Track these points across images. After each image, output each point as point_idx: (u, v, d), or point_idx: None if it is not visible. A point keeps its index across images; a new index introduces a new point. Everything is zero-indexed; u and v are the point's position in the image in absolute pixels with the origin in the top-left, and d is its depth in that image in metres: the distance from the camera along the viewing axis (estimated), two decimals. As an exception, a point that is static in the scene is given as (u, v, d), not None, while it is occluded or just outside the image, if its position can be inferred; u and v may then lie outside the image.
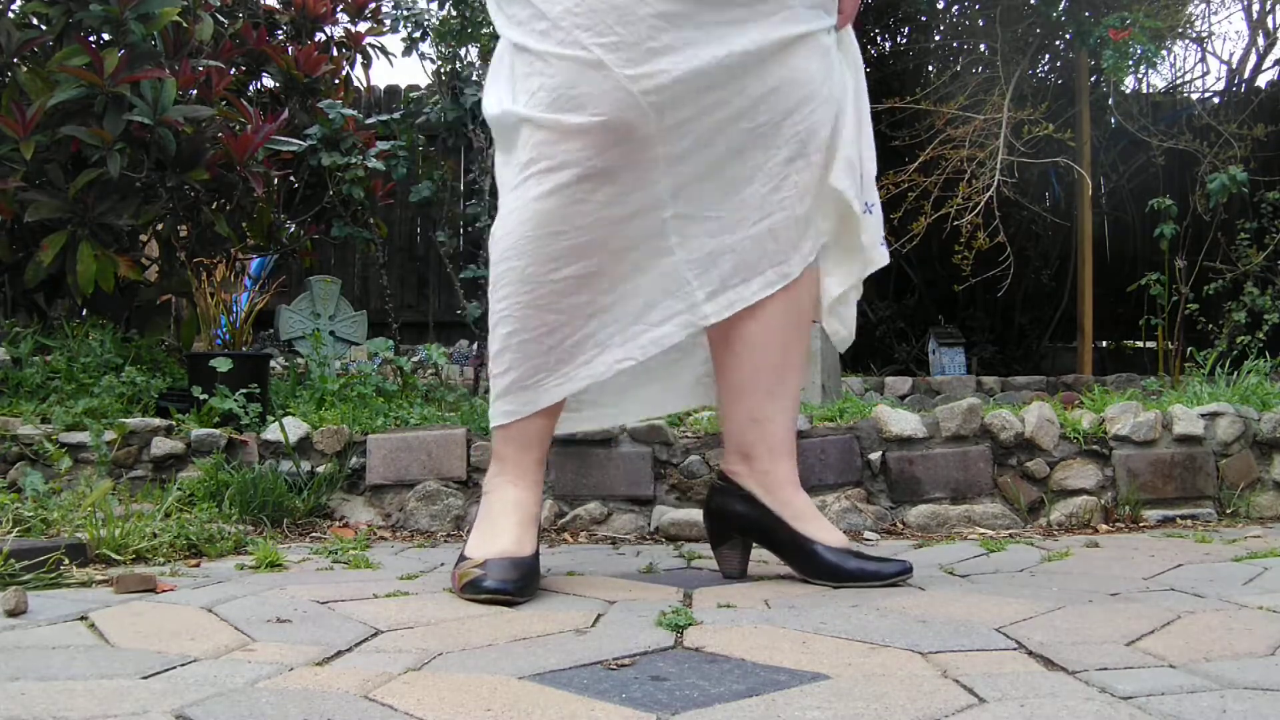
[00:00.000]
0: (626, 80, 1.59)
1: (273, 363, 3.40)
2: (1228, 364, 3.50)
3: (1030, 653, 1.24)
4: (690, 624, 1.39)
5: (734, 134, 1.69)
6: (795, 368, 1.81)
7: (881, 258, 1.84)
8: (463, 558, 1.66)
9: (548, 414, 1.75)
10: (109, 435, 2.56)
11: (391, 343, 3.71)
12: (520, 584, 1.58)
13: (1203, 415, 2.56)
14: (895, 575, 1.70)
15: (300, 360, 3.84)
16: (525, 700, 1.05)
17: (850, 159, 1.77)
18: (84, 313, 3.60)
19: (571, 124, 1.60)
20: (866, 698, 1.04)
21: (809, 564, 1.74)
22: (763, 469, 1.77)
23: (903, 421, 2.46)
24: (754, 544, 1.83)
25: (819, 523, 1.76)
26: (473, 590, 1.57)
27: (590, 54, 1.59)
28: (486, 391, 3.72)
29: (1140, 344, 5.92)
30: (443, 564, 1.99)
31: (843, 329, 1.89)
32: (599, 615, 1.47)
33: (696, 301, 1.73)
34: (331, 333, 4.23)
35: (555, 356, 1.69)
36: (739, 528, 1.81)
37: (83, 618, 1.44)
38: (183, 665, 1.19)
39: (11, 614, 1.46)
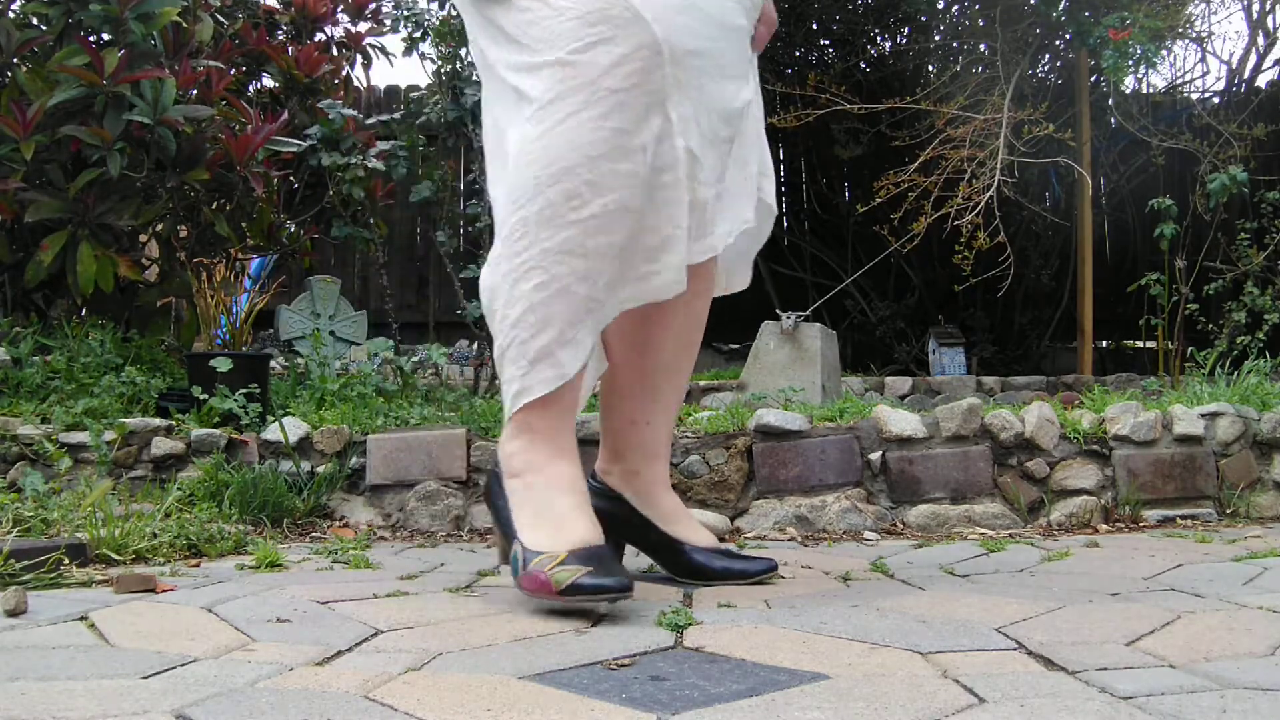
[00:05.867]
0: None
1: (273, 363, 3.39)
2: (1228, 364, 3.51)
3: (1030, 653, 1.24)
4: (690, 624, 1.39)
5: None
6: (685, 373, 1.81)
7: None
8: (529, 554, 1.45)
9: (580, 377, 1.62)
10: (109, 435, 2.56)
11: (391, 343, 3.70)
12: (625, 577, 1.43)
13: (1203, 415, 2.56)
14: (761, 573, 1.73)
15: (300, 360, 3.84)
16: (525, 700, 1.04)
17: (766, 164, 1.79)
18: (84, 313, 3.60)
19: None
20: (866, 698, 1.04)
21: (677, 563, 1.76)
22: (632, 469, 1.77)
23: (903, 421, 2.46)
24: (625, 543, 1.82)
25: (688, 523, 1.78)
26: (577, 593, 1.40)
27: None
28: (487, 391, 3.74)
29: (1140, 344, 5.93)
30: (443, 564, 1.99)
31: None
32: (599, 615, 1.47)
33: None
34: (331, 333, 4.23)
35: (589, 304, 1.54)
36: (609, 528, 1.73)
37: (83, 618, 1.44)
38: (183, 665, 1.19)
39: (11, 614, 1.46)
